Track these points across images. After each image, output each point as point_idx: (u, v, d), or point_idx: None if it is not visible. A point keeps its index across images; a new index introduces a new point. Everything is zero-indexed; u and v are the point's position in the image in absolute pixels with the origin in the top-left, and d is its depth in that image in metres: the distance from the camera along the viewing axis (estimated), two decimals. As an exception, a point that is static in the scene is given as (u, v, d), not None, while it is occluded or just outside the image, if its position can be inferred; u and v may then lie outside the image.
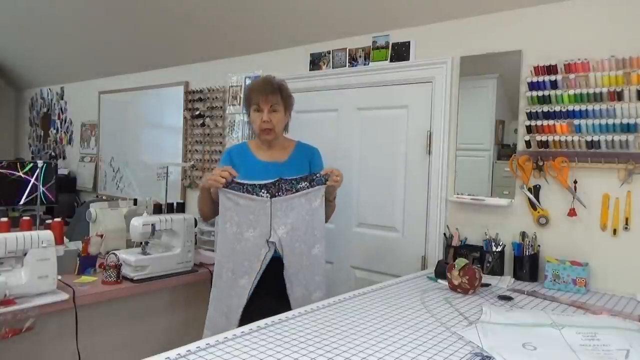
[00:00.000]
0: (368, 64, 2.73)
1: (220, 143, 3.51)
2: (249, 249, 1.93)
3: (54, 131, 5.63)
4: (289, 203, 1.96)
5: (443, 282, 1.93)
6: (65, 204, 4.54)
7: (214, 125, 3.55)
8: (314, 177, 2.01)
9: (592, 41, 2.01)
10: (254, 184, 1.95)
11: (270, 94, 2.08)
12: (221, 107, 3.52)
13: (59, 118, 5.55)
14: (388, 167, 2.63)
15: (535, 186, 2.15)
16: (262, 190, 1.95)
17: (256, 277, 1.92)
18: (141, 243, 2.34)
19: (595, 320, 1.47)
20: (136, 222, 2.26)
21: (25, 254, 1.82)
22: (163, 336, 2.41)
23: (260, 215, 1.93)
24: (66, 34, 4.41)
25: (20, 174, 3.61)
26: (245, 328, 1.32)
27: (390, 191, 2.65)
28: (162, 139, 4.07)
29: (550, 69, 2.08)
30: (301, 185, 1.99)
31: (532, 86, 2.13)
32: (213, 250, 2.80)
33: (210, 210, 2.12)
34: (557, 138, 2.07)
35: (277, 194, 1.96)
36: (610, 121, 1.94)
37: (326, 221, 2.08)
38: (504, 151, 2.29)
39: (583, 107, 2.00)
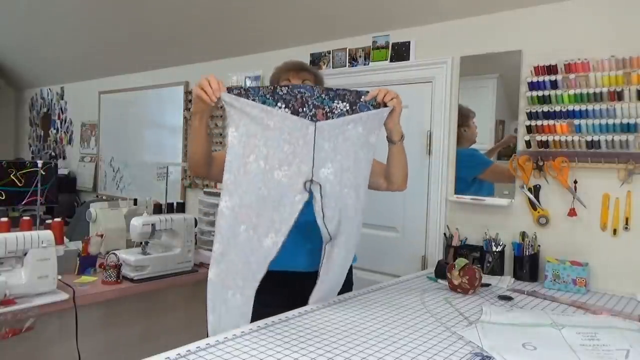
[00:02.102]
0: (368, 64, 2.73)
1: (220, 143, 3.51)
2: (280, 196, 1.41)
3: (54, 131, 5.63)
4: (342, 130, 1.46)
5: (443, 282, 1.93)
6: (65, 204, 4.54)
7: (214, 125, 3.55)
8: (357, 100, 1.48)
9: (592, 41, 2.01)
10: (260, 91, 1.43)
11: (302, 71, 1.80)
12: (221, 107, 3.52)
13: (59, 118, 5.55)
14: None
15: (535, 186, 2.15)
16: (279, 104, 1.43)
17: (286, 237, 1.42)
18: (141, 243, 2.34)
19: (595, 320, 1.47)
20: (136, 222, 2.25)
21: (25, 254, 1.82)
22: (163, 336, 2.41)
23: (299, 145, 1.42)
24: (66, 33, 4.41)
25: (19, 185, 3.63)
26: (246, 328, 1.32)
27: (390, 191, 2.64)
28: (162, 139, 4.07)
29: (550, 69, 2.08)
30: (337, 105, 1.47)
31: (532, 86, 2.13)
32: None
33: (205, 151, 1.60)
34: (557, 138, 2.07)
35: (301, 110, 1.44)
36: (610, 121, 1.94)
37: (403, 184, 1.73)
38: (504, 151, 2.29)
39: (583, 107, 2.00)
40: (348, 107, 1.48)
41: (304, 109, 1.44)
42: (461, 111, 2.36)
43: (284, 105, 1.43)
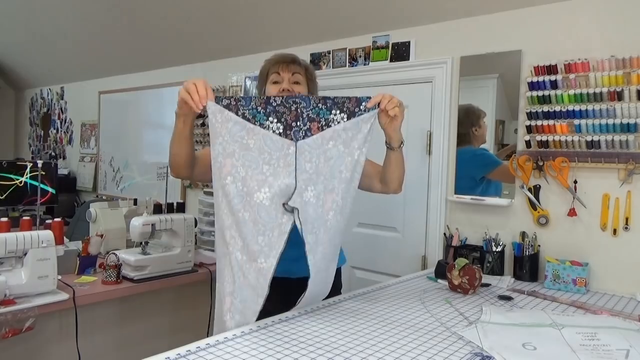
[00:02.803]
0: (368, 64, 2.73)
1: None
2: (262, 218, 1.34)
3: (54, 131, 5.63)
4: (323, 150, 1.37)
5: (443, 282, 1.93)
6: (65, 204, 4.54)
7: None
8: (355, 108, 1.39)
9: (592, 41, 2.01)
10: (252, 102, 1.34)
11: (292, 63, 1.70)
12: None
13: (59, 118, 5.55)
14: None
15: (535, 186, 2.15)
16: (270, 118, 1.34)
17: (279, 258, 1.35)
18: (141, 243, 2.34)
19: (595, 320, 1.47)
20: (136, 222, 2.25)
21: (25, 254, 1.82)
22: (163, 336, 2.41)
23: (280, 167, 1.34)
24: (66, 34, 4.40)
25: (23, 179, 3.62)
26: (246, 328, 1.32)
27: (390, 191, 2.64)
28: (162, 139, 4.06)
29: (550, 69, 2.08)
30: (334, 116, 1.38)
31: (532, 86, 2.13)
32: (213, 250, 2.79)
33: (187, 155, 1.53)
34: (557, 138, 2.07)
35: (295, 124, 1.35)
36: (610, 121, 1.94)
37: (398, 188, 1.64)
38: (504, 151, 2.29)
39: (583, 107, 2.00)
40: (345, 118, 1.39)
41: (298, 123, 1.36)
42: (473, 111, 2.35)
43: (275, 120, 1.35)
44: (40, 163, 3.52)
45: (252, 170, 1.33)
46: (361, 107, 1.41)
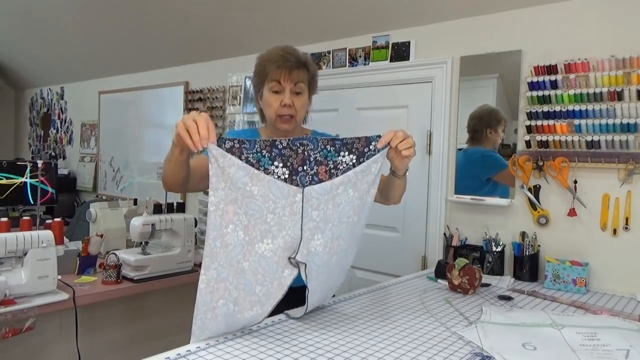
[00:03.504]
0: (368, 64, 2.73)
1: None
2: (263, 269, 1.26)
3: (54, 131, 5.63)
4: (331, 196, 1.30)
5: (443, 282, 1.93)
6: (65, 204, 4.54)
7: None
8: (365, 149, 1.32)
9: (592, 41, 2.01)
10: (257, 146, 1.25)
11: (295, 69, 1.55)
12: (221, 107, 3.52)
13: (59, 118, 5.55)
14: (388, 167, 2.63)
15: (535, 186, 2.15)
16: (276, 162, 1.26)
17: (272, 308, 1.29)
18: (141, 243, 2.34)
19: (595, 320, 1.47)
20: (136, 222, 2.25)
21: (25, 254, 1.82)
22: (163, 336, 2.41)
23: (285, 216, 1.26)
24: (66, 34, 4.41)
25: (23, 179, 3.62)
26: (245, 328, 1.32)
27: (390, 191, 2.64)
28: (162, 139, 4.07)
29: (550, 69, 2.08)
30: (343, 158, 1.31)
31: (532, 86, 2.13)
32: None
33: (183, 177, 1.42)
34: (557, 138, 2.07)
35: (301, 169, 1.28)
36: (610, 121, 1.94)
37: (398, 202, 1.64)
38: (504, 151, 2.29)
39: (583, 107, 2.00)
40: (355, 160, 1.31)
41: (305, 167, 1.28)
42: (495, 114, 2.31)
43: (281, 164, 1.26)
44: (40, 163, 3.52)
45: (255, 219, 1.24)
46: (371, 147, 1.33)
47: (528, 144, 2.16)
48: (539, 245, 2.12)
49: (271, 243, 1.25)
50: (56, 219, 2.37)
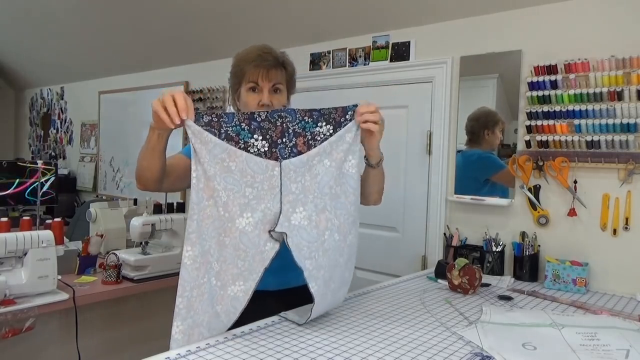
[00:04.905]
0: (368, 64, 2.73)
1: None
2: (244, 244, 1.25)
3: (54, 131, 5.63)
4: (308, 167, 1.30)
5: (443, 282, 1.93)
6: (65, 204, 4.54)
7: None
8: (341, 118, 1.33)
9: (592, 41, 2.01)
10: (235, 119, 1.26)
11: (272, 69, 1.53)
12: (221, 107, 3.52)
13: (59, 118, 5.55)
14: (388, 167, 2.62)
15: (535, 186, 2.15)
16: (255, 135, 1.27)
17: (255, 286, 1.27)
18: (141, 243, 2.34)
19: (595, 320, 1.47)
20: (136, 222, 2.26)
21: (25, 254, 1.82)
22: (163, 336, 2.41)
23: (264, 190, 1.26)
24: (66, 33, 4.41)
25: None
26: (245, 328, 1.32)
27: (390, 191, 2.64)
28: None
29: (550, 69, 2.08)
30: (320, 129, 1.32)
31: (532, 86, 2.13)
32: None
33: (159, 170, 1.37)
34: (557, 138, 2.07)
35: (280, 141, 1.29)
36: (610, 121, 1.94)
37: (378, 200, 1.59)
38: (504, 151, 2.29)
39: (583, 107, 2.00)
40: (332, 130, 1.32)
41: (284, 140, 1.29)
42: (493, 116, 2.31)
43: (260, 137, 1.27)
44: (40, 163, 3.52)
45: (233, 193, 1.24)
46: (347, 117, 1.34)
47: (528, 144, 2.16)
48: (539, 245, 2.12)
49: (251, 217, 1.24)
50: (56, 219, 2.37)
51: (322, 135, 1.32)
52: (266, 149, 1.28)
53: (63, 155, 5.47)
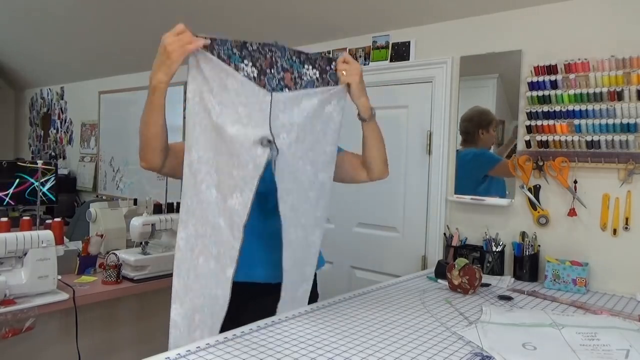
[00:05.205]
0: (368, 64, 2.73)
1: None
2: (237, 150, 1.31)
3: (54, 131, 5.63)
4: (297, 102, 1.40)
5: (443, 282, 1.93)
6: (65, 204, 4.54)
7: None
8: (327, 67, 1.44)
9: (592, 41, 2.01)
10: (227, 43, 1.33)
11: None
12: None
13: (59, 118, 5.55)
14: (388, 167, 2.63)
15: (535, 186, 2.15)
16: (246, 60, 1.35)
17: (253, 197, 1.31)
18: (141, 243, 2.34)
19: (595, 320, 1.47)
20: (136, 222, 2.25)
21: (25, 254, 1.82)
22: (163, 336, 2.41)
23: (255, 111, 1.35)
24: (66, 34, 4.40)
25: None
26: (245, 328, 1.32)
27: (390, 191, 2.65)
28: (162, 139, 4.06)
29: (550, 69, 2.08)
30: (307, 71, 1.42)
31: (532, 86, 2.13)
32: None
33: (165, 133, 1.45)
34: (557, 138, 2.07)
35: (269, 71, 1.37)
36: (610, 121, 1.94)
37: (384, 169, 1.59)
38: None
39: (583, 107, 2.00)
40: (318, 75, 1.42)
41: (272, 70, 1.37)
42: (487, 115, 2.33)
43: (250, 64, 1.34)
44: (40, 163, 3.52)
45: (227, 108, 1.32)
46: (332, 66, 1.45)
47: (528, 144, 2.16)
48: (539, 245, 2.12)
49: (242, 128, 1.32)
50: (56, 219, 2.37)
51: (308, 77, 1.42)
52: (255, 75, 1.35)
53: (63, 155, 5.47)
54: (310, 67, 1.42)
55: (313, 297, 1.62)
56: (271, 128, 1.33)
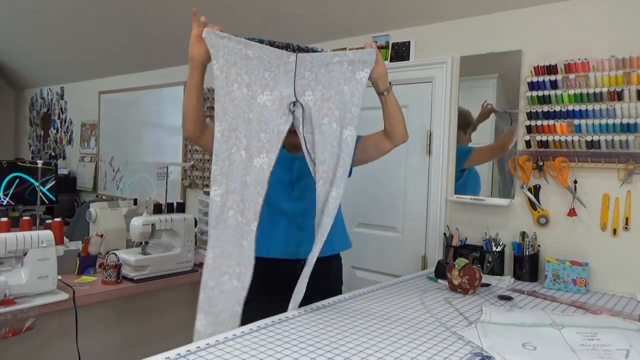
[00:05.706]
0: (368, 64, 2.72)
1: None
2: (265, 117, 1.49)
3: (54, 131, 5.63)
4: (325, 62, 1.51)
5: (443, 282, 1.93)
6: (65, 204, 4.54)
7: (213, 125, 3.55)
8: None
9: (592, 41, 2.01)
10: (241, 36, 1.50)
11: None
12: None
13: (59, 118, 5.55)
14: (388, 167, 2.63)
15: (535, 186, 2.15)
16: (264, 41, 1.53)
17: (276, 158, 1.50)
18: (141, 243, 2.34)
19: (595, 320, 1.47)
20: (136, 222, 2.26)
21: (25, 254, 1.82)
22: (163, 336, 2.41)
23: (280, 73, 1.49)
24: (66, 34, 4.40)
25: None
26: (245, 328, 1.32)
27: (390, 191, 2.64)
28: (162, 139, 4.07)
29: (550, 69, 2.08)
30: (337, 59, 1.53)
31: (532, 86, 2.13)
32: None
33: (202, 107, 1.65)
34: (557, 138, 2.07)
35: (286, 49, 1.53)
36: (610, 121, 1.94)
37: (405, 133, 1.70)
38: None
39: (583, 107, 2.00)
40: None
41: (289, 49, 1.51)
42: (466, 117, 2.36)
43: (268, 44, 1.50)
44: (40, 163, 3.52)
45: (254, 76, 1.47)
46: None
47: (528, 144, 2.16)
48: (539, 245, 2.12)
49: (270, 94, 1.49)
50: (56, 219, 2.37)
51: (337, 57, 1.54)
52: (279, 46, 1.51)
53: (63, 155, 5.47)
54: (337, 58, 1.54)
55: (337, 283, 1.87)
56: (295, 87, 1.48)
